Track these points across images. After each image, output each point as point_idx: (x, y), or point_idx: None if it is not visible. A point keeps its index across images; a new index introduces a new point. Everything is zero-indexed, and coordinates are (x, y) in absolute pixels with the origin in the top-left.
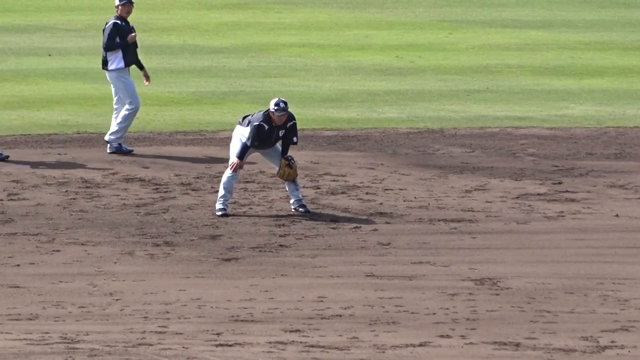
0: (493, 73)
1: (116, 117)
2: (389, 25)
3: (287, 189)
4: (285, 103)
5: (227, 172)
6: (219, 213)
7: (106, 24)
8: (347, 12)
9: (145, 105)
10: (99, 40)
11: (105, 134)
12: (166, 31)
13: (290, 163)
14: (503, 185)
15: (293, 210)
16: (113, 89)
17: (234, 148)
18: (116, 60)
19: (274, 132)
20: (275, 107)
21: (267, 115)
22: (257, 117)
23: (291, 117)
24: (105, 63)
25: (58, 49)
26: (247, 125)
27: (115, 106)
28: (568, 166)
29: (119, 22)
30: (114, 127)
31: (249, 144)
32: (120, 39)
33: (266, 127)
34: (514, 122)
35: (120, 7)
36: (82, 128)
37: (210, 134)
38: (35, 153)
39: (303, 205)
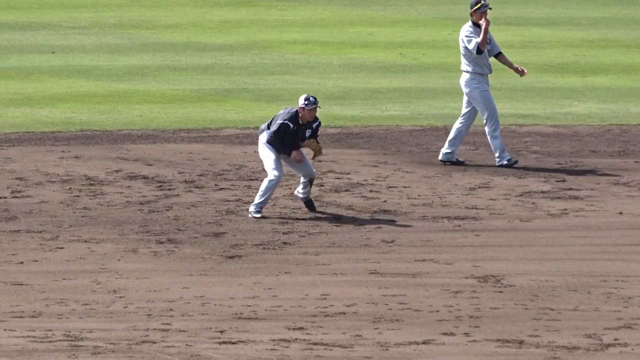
0: (496, 70)
1: None
2: (393, 22)
3: (300, 184)
4: (315, 97)
5: (268, 179)
6: (258, 215)
7: None
8: (351, 10)
9: (149, 103)
10: (102, 38)
11: (107, 131)
12: (169, 28)
13: (317, 141)
14: (507, 183)
15: (296, 194)
16: None
17: (266, 158)
18: None
19: (300, 132)
20: (306, 102)
21: (294, 115)
22: (282, 115)
23: (316, 117)
24: None
25: (61, 47)
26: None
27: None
28: (571, 164)
29: None
30: None
31: (273, 139)
32: None
33: (292, 126)
34: (517, 120)
35: None
36: (86, 125)
37: (214, 132)
38: (38, 150)
39: (310, 203)
